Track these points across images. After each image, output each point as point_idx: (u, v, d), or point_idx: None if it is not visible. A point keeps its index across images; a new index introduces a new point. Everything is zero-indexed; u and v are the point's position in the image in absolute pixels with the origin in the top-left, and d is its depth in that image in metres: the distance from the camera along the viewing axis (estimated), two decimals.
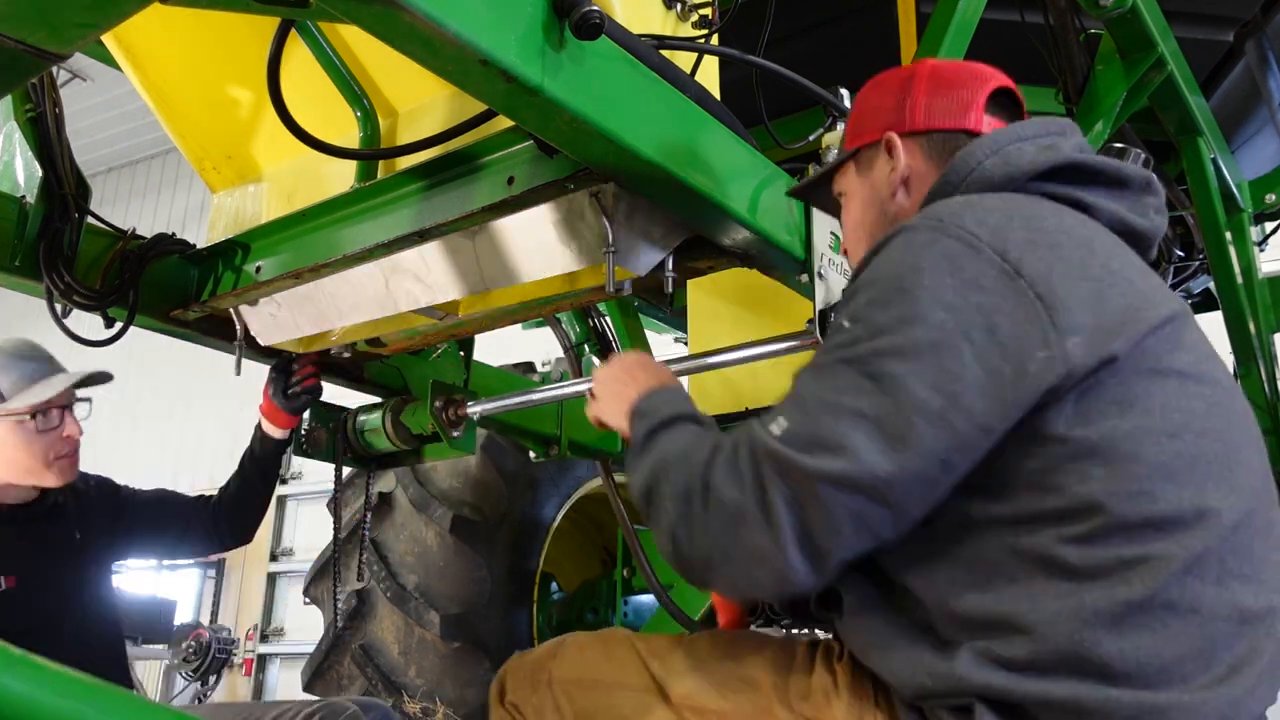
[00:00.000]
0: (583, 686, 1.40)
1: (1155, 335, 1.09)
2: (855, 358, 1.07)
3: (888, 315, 1.06)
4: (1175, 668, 1.00)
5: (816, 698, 1.21)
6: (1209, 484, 1.05)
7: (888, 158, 1.39)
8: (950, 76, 1.39)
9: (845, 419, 1.03)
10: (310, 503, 10.15)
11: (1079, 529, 1.03)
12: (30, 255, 1.91)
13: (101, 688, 0.95)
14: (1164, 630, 1.01)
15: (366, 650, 3.45)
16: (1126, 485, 1.03)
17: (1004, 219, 1.12)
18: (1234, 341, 3.01)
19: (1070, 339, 1.04)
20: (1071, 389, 1.04)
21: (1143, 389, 1.06)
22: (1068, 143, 1.26)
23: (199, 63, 2.02)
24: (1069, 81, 2.42)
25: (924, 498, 1.05)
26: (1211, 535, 1.03)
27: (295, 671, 4.11)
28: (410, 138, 1.75)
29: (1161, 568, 1.01)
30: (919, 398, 1.01)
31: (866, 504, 1.02)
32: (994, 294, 1.05)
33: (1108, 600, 1.01)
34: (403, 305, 1.93)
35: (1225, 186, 2.98)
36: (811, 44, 2.70)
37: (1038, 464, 1.05)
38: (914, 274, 1.07)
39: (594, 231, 1.61)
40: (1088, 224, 1.19)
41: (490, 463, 3.66)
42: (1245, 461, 1.10)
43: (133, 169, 13.63)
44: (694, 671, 1.32)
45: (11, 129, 1.95)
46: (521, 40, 1.18)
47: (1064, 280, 1.07)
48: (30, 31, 1.09)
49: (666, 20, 1.66)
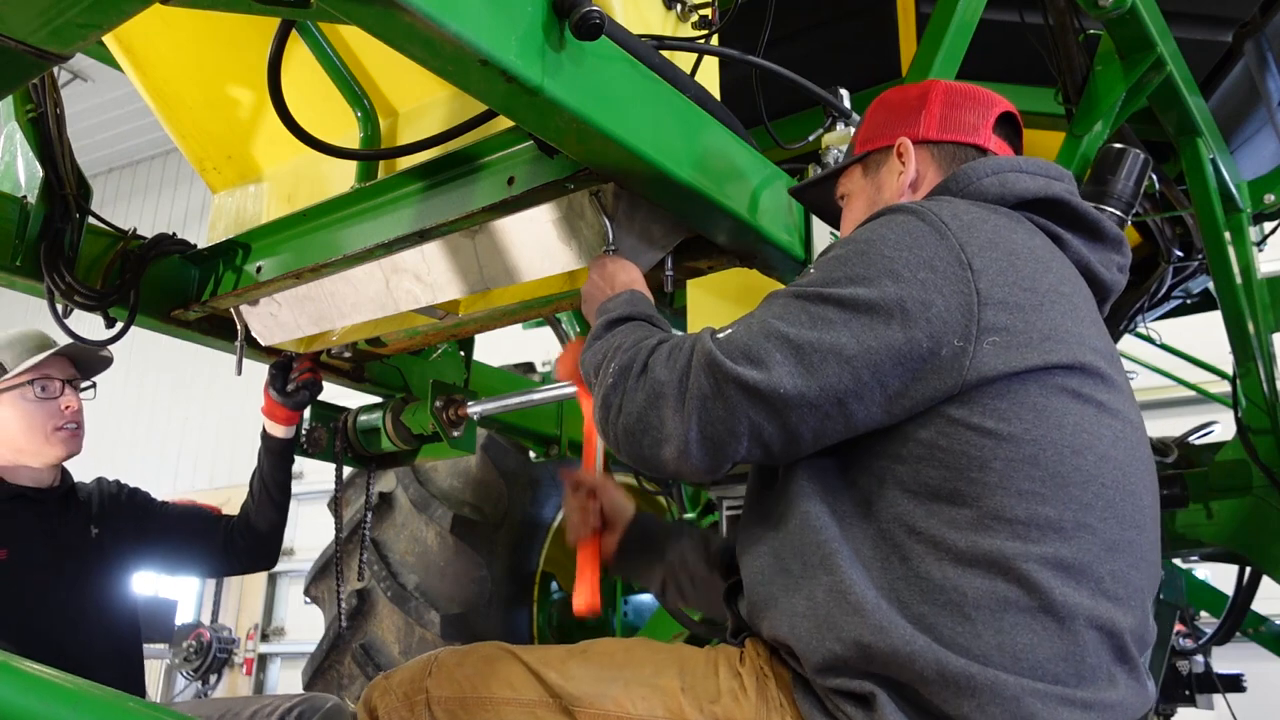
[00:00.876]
0: (467, 705, 1.34)
1: (1081, 366, 1.17)
2: (805, 295, 1.20)
3: (844, 271, 1.20)
4: (1049, 666, 1.09)
5: (725, 700, 1.23)
6: (1098, 504, 1.14)
7: (898, 162, 1.45)
8: (964, 96, 1.48)
9: (774, 340, 1.17)
10: (311, 502, 10.16)
11: (966, 514, 1.12)
12: (31, 255, 1.91)
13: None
14: (1040, 631, 1.09)
15: (367, 649, 3.46)
16: (1019, 483, 1.12)
17: (977, 219, 1.22)
18: (1233, 341, 3.01)
19: (988, 338, 1.13)
20: (977, 386, 1.13)
21: (1061, 405, 1.15)
22: (1059, 184, 1.36)
23: (199, 63, 2.03)
24: (1068, 82, 2.42)
25: (815, 428, 1.17)
26: (1085, 550, 1.12)
27: (296, 671, 4.11)
28: (410, 138, 1.75)
29: (1037, 568, 1.10)
30: (840, 342, 1.14)
31: (765, 416, 1.16)
32: (941, 275, 1.15)
33: (987, 591, 1.10)
34: (403, 305, 1.93)
35: (1224, 187, 2.98)
36: (811, 45, 2.70)
37: (946, 443, 1.15)
38: (879, 243, 1.20)
39: (594, 230, 1.62)
40: (1056, 253, 1.29)
41: (490, 463, 3.67)
42: (1135, 495, 1.19)
43: (133, 169, 13.64)
44: (598, 680, 1.29)
45: (13, 129, 1.95)
46: (521, 40, 1.19)
47: (1007, 284, 1.16)
48: (31, 32, 1.09)
49: (666, 20, 1.66)
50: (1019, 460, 1.12)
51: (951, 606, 1.11)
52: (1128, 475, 1.18)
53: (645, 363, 1.26)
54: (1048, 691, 1.08)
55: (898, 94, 1.54)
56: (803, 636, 1.18)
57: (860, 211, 1.49)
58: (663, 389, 1.21)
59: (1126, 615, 1.14)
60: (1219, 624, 3.64)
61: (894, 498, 1.17)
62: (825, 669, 1.15)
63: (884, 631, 1.11)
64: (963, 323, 1.13)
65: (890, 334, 1.13)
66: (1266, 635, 3.86)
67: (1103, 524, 1.14)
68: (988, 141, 1.43)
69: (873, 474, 1.19)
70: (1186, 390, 4.66)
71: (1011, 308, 1.15)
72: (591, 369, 1.38)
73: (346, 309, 2.01)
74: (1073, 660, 1.10)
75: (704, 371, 1.18)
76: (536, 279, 1.79)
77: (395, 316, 2.11)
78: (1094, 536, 1.13)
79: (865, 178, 1.51)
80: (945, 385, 1.14)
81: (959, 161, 1.42)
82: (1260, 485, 3.02)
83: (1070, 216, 1.34)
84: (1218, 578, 4.00)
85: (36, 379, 2.15)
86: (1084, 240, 1.35)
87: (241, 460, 11.44)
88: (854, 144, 1.58)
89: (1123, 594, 1.14)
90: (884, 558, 1.16)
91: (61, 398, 2.18)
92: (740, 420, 1.17)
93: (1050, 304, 1.18)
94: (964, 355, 1.13)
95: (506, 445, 3.69)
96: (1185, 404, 5.73)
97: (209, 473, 11.83)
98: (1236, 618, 3.58)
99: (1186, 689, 3.67)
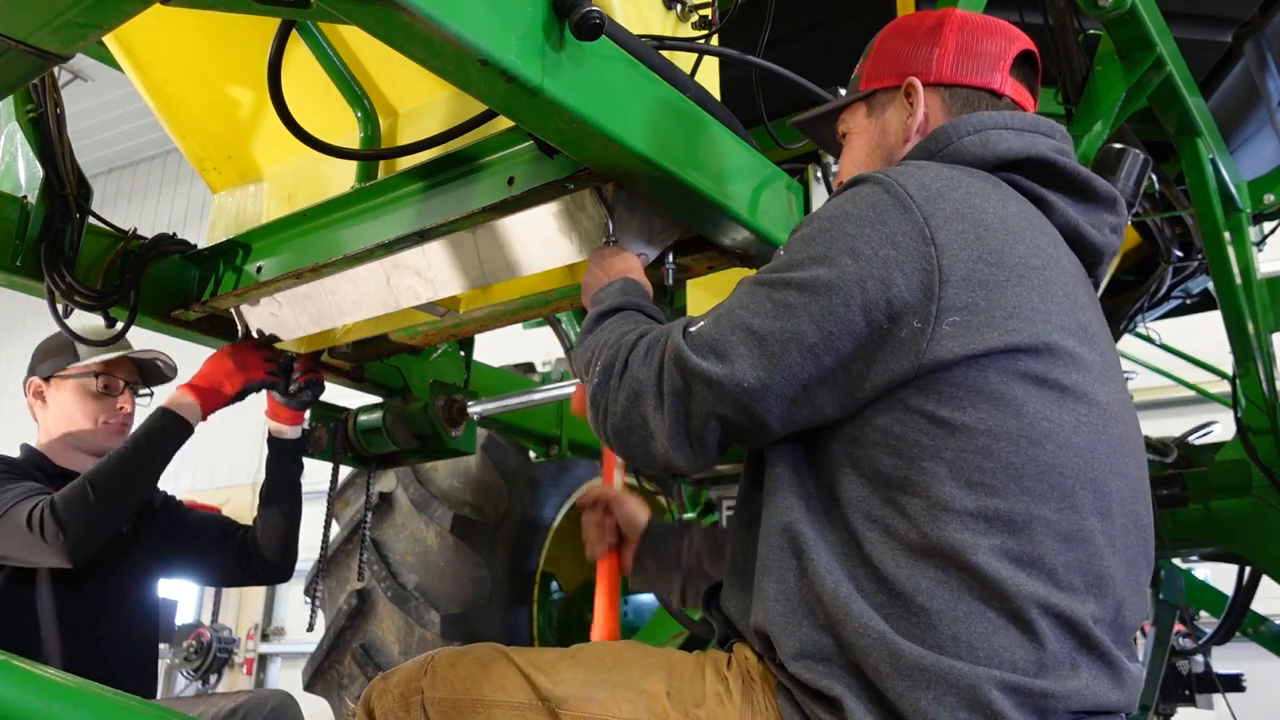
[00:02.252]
0: (460, 706, 1.34)
1: (1047, 346, 1.13)
2: (769, 281, 1.19)
3: (807, 251, 1.18)
4: (1005, 654, 1.07)
5: (710, 704, 1.22)
6: (1053, 495, 1.11)
7: (905, 103, 1.39)
8: (981, 31, 1.39)
9: (739, 332, 1.17)
10: (311, 502, 10.14)
11: (916, 503, 1.11)
12: (32, 255, 1.91)
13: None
14: (995, 619, 1.07)
15: (367, 649, 3.46)
16: (970, 475, 1.10)
17: (946, 187, 1.17)
18: (1233, 341, 3.01)
19: (948, 318, 1.10)
20: (933, 371, 1.11)
21: (1021, 392, 1.12)
22: (1046, 142, 1.29)
23: (200, 63, 2.03)
24: (1068, 82, 2.42)
25: (782, 415, 1.17)
26: (1036, 543, 1.09)
27: (296, 671, 4.11)
28: (410, 138, 1.75)
29: (987, 559, 1.08)
30: (800, 329, 1.13)
31: (731, 408, 1.17)
32: (903, 252, 1.12)
33: (939, 581, 1.09)
34: (404, 301, 1.93)
35: (1224, 187, 2.98)
36: (811, 45, 2.70)
37: (900, 430, 1.13)
38: (842, 219, 1.17)
39: (594, 222, 1.62)
40: (1034, 220, 1.23)
41: (490, 463, 3.67)
42: (1099, 481, 1.15)
43: (133, 169, 13.64)
44: (585, 684, 1.29)
45: (13, 129, 1.95)
46: (521, 40, 1.19)
47: (971, 259, 1.12)
48: (31, 32, 1.09)
49: (666, 20, 1.66)
50: (970, 451, 1.10)
51: (906, 596, 1.09)
52: (1090, 463, 1.14)
53: (625, 360, 1.27)
54: (1005, 680, 1.05)
55: (911, 22, 1.45)
56: (776, 621, 1.17)
57: (862, 153, 1.44)
58: (642, 387, 1.23)
59: (1087, 603, 1.11)
60: (1219, 624, 3.64)
61: (853, 484, 1.16)
62: (798, 655, 1.15)
63: (846, 618, 1.10)
64: (923, 302, 1.10)
65: (850, 316, 1.12)
66: (1266, 635, 3.86)
67: (1058, 515, 1.11)
68: (1003, 85, 1.36)
69: (835, 459, 1.18)
70: (1186, 390, 4.66)
71: (974, 285, 1.11)
72: (581, 366, 1.38)
73: (347, 306, 2.02)
74: (1030, 648, 1.07)
75: (674, 367, 1.20)
76: (538, 272, 1.79)
77: (396, 315, 2.11)
78: (1047, 528, 1.10)
79: (870, 118, 1.44)
80: (902, 368, 1.12)
81: (970, 108, 1.35)
82: (1260, 485, 3.02)
83: (1058, 176, 1.28)
84: (1218, 578, 4.00)
85: (101, 374, 2.28)
86: (1072, 201, 1.29)
87: (242, 460, 11.44)
88: (859, 78, 1.49)
89: (1080, 583, 1.11)
90: (845, 544, 1.15)
91: (119, 397, 2.31)
92: (708, 414, 1.18)
93: (1017, 279, 1.14)
94: (921, 337, 1.11)
95: (506, 445, 3.69)
96: (1185, 404, 5.74)
97: (209, 473, 11.83)
98: (1236, 618, 3.59)
99: (1186, 689, 3.68)
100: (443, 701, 1.36)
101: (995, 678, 1.05)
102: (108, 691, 1.08)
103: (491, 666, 1.36)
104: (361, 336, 2.28)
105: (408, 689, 1.40)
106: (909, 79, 1.38)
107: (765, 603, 1.19)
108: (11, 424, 4.63)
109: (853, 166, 1.46)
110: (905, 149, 1.38)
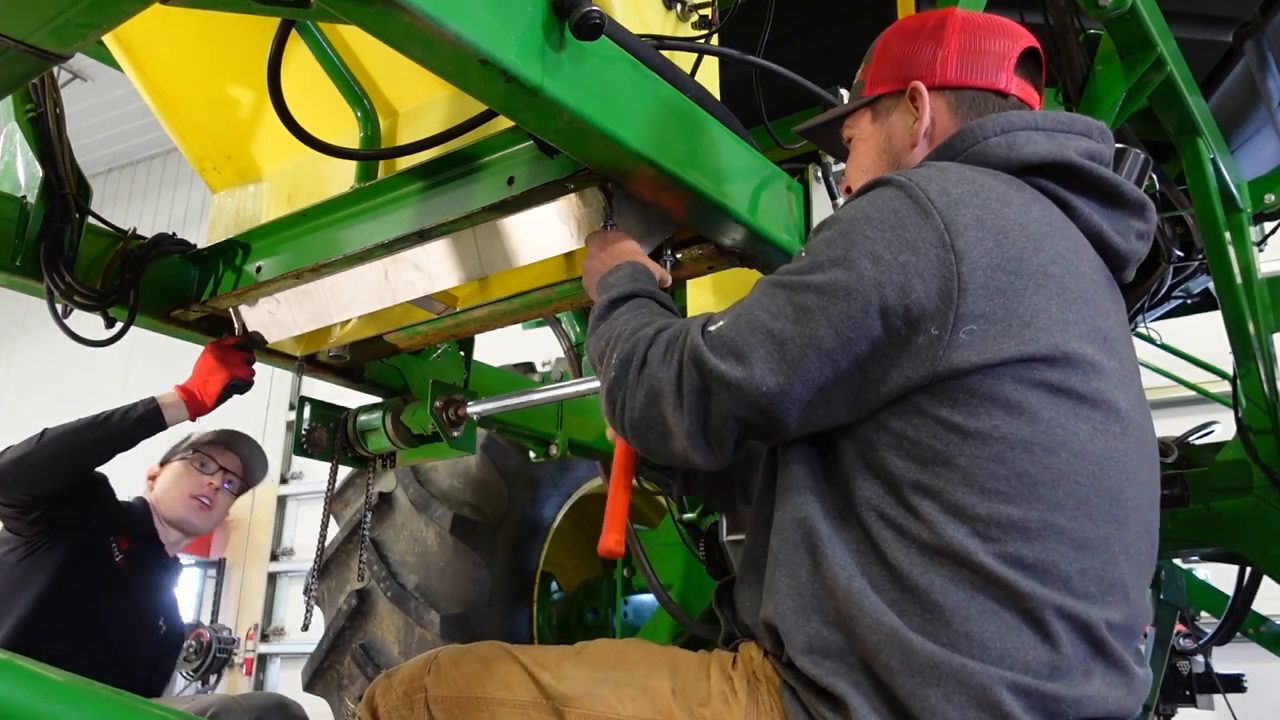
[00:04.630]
0: (463, 704, 1.34)
1: (1064, 355, 1.12)
2: (789, 284, 1.19)
3: (827, 254, 1.17)
4: (1018, 655, 1.07)
5: (715, 703, 1.23)
6: (1068, 503, 1.11)
7: (910, 108, 1.38)
8: (984, 31, 1.38)
9: (759, 334, 1.17)
10: (310, 502, 10.15)
11: (930, 506, 1.10)
12: (31, 255, 1.91)
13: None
14: (1009, 620, 1.07)
15: (367, 650, 3.46)
16: (984, 481, 1.09)
17: (968, 192, 1.16)
18: (1233, 341, 3.00)
19: (965, 326, 1.10)
20: (949, 378, 1.10)
21: (1036, 400, 1.11)
22: (1080, 142, 1.27)
23: (199, 63, 2.03)
24: (1068, 82, 2.42)
25: (799, 417, 1.18)
26: (1051, 549, 1.09)
27: (296, 671, 4.10)
28: (410, 138, 1.75)
29: (999, 565, 1.08)
30: (819, 334, 1.13)
31: (749, 410, 1.17)
32: (922, 258, 1.12)
33: (952, 581, 1.09)
34: (401, 295, 1.93)
35: (1225, 187, 2.98)
36: (811, 45, 2.70)
37: (914, 434, 1.13)
38: (863, 222, 1.16)
39: (593, 208, 1.62)
40: (1056, 225, 1.22)
41: (490, 463, 3.66)
42: (1115, 489, 1.15)
43: (133, 169, 13.62)
44: (590, 681, 1.29)
45: (12, 129, 1.95)
46: (521, 40, 1.19)
47: (991, 267, 1.11)
48: (31, 32, 1.09)
49: (666, 20, 1.66)
50: (984, 458, 1.10)
51: (920, 593, 1.09)
52: (1105, 470, 1.14)
53: (644, 356, 1.26)
54: (1016, 681, 1.05)
55: (912, 25, 1.44)
56: (786, 616, 1.17)
57: (868, 159, 1.44)
58: (660, 385, 1.22)
59: (1103, 610, 1.11)
60: (1219, 624, 3.64)
61: (868, 484, 1.16)
62: (806, 650, 1.15)
63: (859, 613, 1.10)
64: (941, 309, 1.10)
65: (868, 322, 1.12)
66: (1266, 635, 3.85)
67: (1073, 523, 1.11)
68: (1009, 85, 1.36)
69: (850, 459, 1.19)
70: (1186, 390, 4.65)
71: (992, 293, 1.11)
72: (595, 357, 1.37)
73: (345, 302, 2.01)
74: (1045, 650, 1.07)
75: (693, 367, 1.20)
76: (537, 260, 1.78)
77: (394, 314, 2.11)
78: (1062, 536, 1.10)
79: (875, 123, 1.44)
80: (918, 374, 1.12)
81: (977, 110, 1.35)
82: (1260, 485, 3.01)
83: (1085, 181, 1.26)
84: (1218, 578, 3.99)
85: (205, 459, 2.91)
86: (1098, 206, 1.27)
87: None
88: (862, 82, 1.48)
89: (1095, 590, 1.11)
90: (860, 541, 1.16)
91: (211, 476, 2.91)
92: (728, 415, 1.18)
93: (1035, 287, 1.13)
94: (938, 344, 1.10)
95: (506, 445, 3.68)
96: (1185, 404, 5.72)
97: None
98: (1237, 618, 3.58)
99: (1187, 689, 3.67)
100: (446, 699, 1.36)
101: (1006, 678, 1.05)
102: (108, 691, 1.08)
103: (495, 664, 1.35)
104: (359, 337, 2.28)
105: (411, 687, 1.40)
106: (913, 83, 1.37)
107: (776, 597, 1.19)
108: (12, 424, 4.63)
109: (859, 173, 1.46)
110: (912, 153, 1.38)
